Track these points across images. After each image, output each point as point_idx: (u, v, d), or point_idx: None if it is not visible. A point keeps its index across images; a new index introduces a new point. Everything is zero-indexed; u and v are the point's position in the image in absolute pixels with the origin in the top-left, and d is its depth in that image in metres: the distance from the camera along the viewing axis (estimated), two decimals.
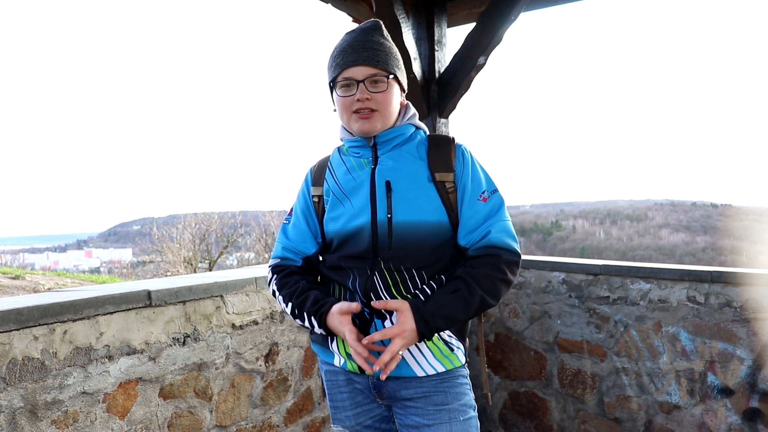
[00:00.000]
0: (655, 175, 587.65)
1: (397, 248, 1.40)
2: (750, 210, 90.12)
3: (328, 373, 1.56)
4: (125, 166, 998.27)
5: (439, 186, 1.44)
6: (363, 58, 1.40)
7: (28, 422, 1.60)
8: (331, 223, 1.49)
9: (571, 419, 2.99)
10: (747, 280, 2.45)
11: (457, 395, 1.44)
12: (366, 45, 1.42)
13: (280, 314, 2.45)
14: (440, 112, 3.12)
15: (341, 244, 1.47)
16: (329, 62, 1.47)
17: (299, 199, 1.60)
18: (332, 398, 1.56)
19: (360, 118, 1.42)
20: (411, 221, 1.40)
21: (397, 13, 2.76)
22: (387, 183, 1.42)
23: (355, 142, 1.50)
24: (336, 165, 1.54)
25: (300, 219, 1.56)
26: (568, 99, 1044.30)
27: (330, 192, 1.51)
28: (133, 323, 1.88)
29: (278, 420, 2.45)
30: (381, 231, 1.40)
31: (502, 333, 3.25)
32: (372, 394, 1.49)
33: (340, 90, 1.43)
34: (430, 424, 1.41)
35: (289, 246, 1.55)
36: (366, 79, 1.40)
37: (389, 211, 1.40)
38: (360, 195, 1.45)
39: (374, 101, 1.41)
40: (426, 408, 1.42)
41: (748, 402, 2.45)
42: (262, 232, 24.11)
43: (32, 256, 78.94)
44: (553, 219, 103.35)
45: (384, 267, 1.40)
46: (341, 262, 1.46)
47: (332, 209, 1.49)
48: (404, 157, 1.47)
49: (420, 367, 1.41)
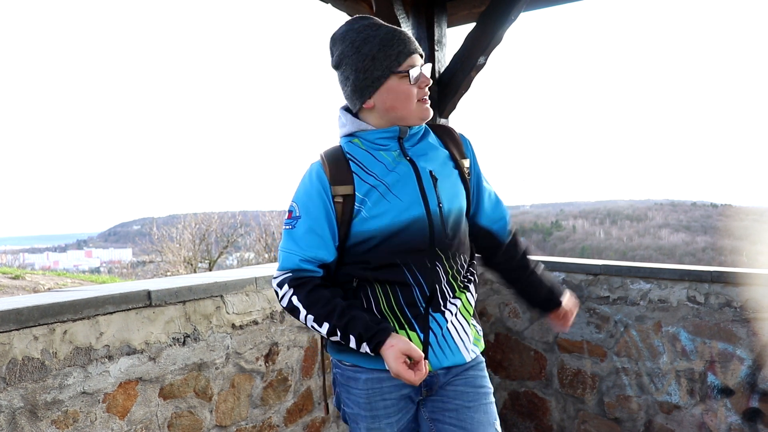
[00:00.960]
0: (655, 175, 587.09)
1: (452, 236, 1.44)
2: (750, 210, 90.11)
3: (370, 381, 1.45)
4: (125, 166, 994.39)
5: (462, 172, 1.52)
6: (418, 46, 1.45)
7: (28, 422, 1.60)
8: (372, 221, 1.39)
9: (571, 419, 2.99)
10: (747, 280, 2.45)
11: (486, 378, 1.53)
12: (410, 37, 1.45)
13: (280, 314, 2.45)
14: (440, 112, 3.12)
15: (387, 240, 1.39)
16: (382, 52, 1.39)
17: (314, 202, 1.42)
18: (372, 407, 1.46)
19: (424, 104, 1.45)
20: (455, 209, 1.47)
21: (397, 13, 2.76)
22: (431, 173, 1.44)
23: (386, 133, 1.44)
24: (365, 160, 1.44)
25: (318, 223, 1.41)
26: (568, 99, 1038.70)
27: (371, 190, 1.41)
28: (133, 323, 1.88)
29: (278, 420, 2.45)
30: (436, 221, 1.41)
31: (502, 333, 3.25)
32: (420, 392, 1.48)
33: (412, 79, 1.41)
34: (470, 406, 1.46)
35: (306, 255, 1.40)
36: (422, 67, 1.44)
37: (439, 201, 1.43)
38: (407, 188, 1.42)
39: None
40: (466, 391, 1.47)
41: (748, 402, 2.45)
42: (262, 232, 24.11)
43: (32, 256, 78.95)
44: (553, 219, 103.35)
45: (443, 257, 1.43)
46: (395, 258, 1.39)
47: (375, 206, 1.40)
48: (432, 148, 1.50)
49: (468, 353, 1.47)
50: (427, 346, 1.42)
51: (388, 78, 1.39)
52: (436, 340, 1.43)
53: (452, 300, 1.45)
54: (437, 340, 1.43)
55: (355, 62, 1.40)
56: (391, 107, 1.42)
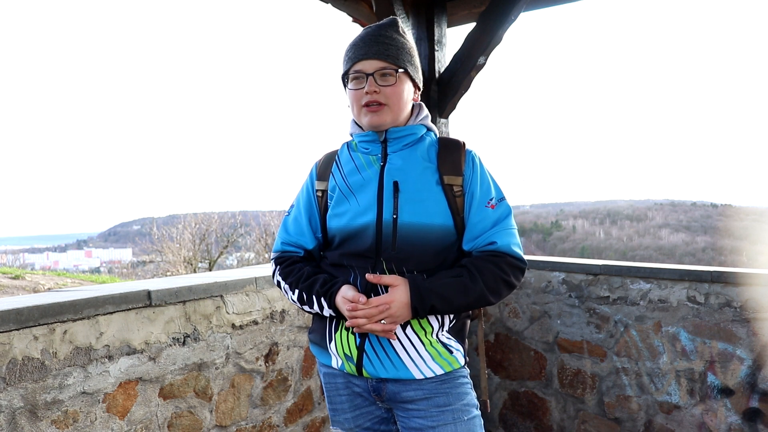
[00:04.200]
0: (655, 175, 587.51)
1: (401, 249, 1.39)
2: (750, 210, 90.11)
3: (327, 376, 1.54)
4: (125, 166, 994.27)
5: (447, 189, 1.43)
6: (373, 52, 1.42)
7: (28, 422, 1.60)
8: (334, 220, 1.47)
9: (571, 419, 2.99)
10: (747, 280, 2.45)
11: (459, 395, 1.43)
12: (377, 39, 1.43)
13: (280, 314, 2.45)
14: (440, 112, 3.12)
15: (344, 241, 1.45)
16: (343, 56, 1.49)
17: (302, 193, 1.59)
18: (331, 400, 1.55)
19: (369, 111, 1.43)
20: (416, 223, 1.39)
21: (397, 13, 2.76)
22: (395, 183, 1.41)
23: (366, 137, 1.49)
24: (344, 160, 1.53)
25: (301, 213, 1.56)
26: (568, 99, 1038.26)
27: (336, 187, 1.49)
28: (133, 323, 1.88)
29: (278, 420, 2.45)
30: (385, 231, 1.39)
31: (502, 333, 3.25)
32: (371, 396, 1.48)
33: (351, 83, 1.44)
34: (434, 426, 1.40)
35: (289, 240, 1.56)
36: (375, 72, 1.41)
37: (395, 212, 1.39)
38: (367, 193, 1.44)
39: (383, 95, 1.42)
40: (429, 410, 1.41)
41: (748, 402, 2.45)
42: (262, 232, 24.12)
43: (32, 256, 78.96)
44: (553, 219, 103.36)
45: (386, 267, 1.39)
46: (343, 260, 1.46)
47: (337, 205, 1.48)
48: (414, 158, 1.46)
49: (418, 370, 1.39)
50: (361, 352, 1.40)
51: (345, 82, 1.49)
52: (373, 348, 1.40)
53: None
54: (374, 349, 1.40)
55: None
56: (351, 110, 1.50)
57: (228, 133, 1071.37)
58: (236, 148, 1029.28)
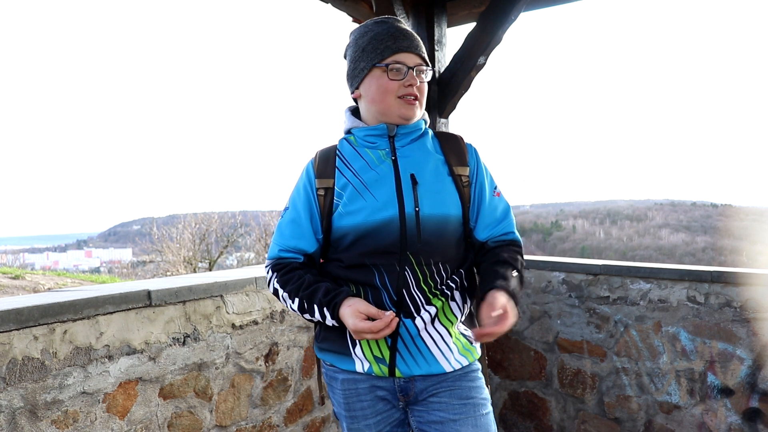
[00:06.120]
0: (655, 175, 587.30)
1: (426, 242, 1.39)
2: (750, 210, 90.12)
3: (346, 382, 1.46)
4: (125, 166, 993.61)
5: (457, 180, 1.47)
6: (414, 46, 1.43)
7: (28, 422, 1.60)
8: (347, 218, 1.41)
9: (571, 419, 2.99)
10: (747, 280, 2.45)
11: (478, 389, 1.46)
12: (410, 35, 1.45)
13: (280, 314, 2.45)
14: (440, 113, 3.12)
15: (360, 239, 1.40)
16: (371, 45, 1.43)
17: (299, 194, 1.50)
18: (350, 407, 1.48)
19: (407, 103, 1.43)
20: (437, 215, 1.41)
21: (397, 13, 2.76)
22: (412, 176, 1.42)
23: (374, 131, 1.46)
24: (349, 156, 1.48)
25: (300, 214, 1.47)
26: (568, 99, 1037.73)
27: (347, 185, 1.44)
28: (133, 323, 1.88)
29: (278, 420, 2.45)
30: (409, 224, 1.38)
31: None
32: (396, 397, 1.45)
33: (390, 73, 1.41)
34: (456, 419, 1.40)
35: (286, 245, 1.47)
36: (415, 67, 1.42)
37: (416, 205, 1.40)
38: (384, 188, 1.41)
39: (419, 89, 1.44)
40: (451, 402, 1.42)
41: (748, 402, 2.45)
42: (262, 232, 24.12)
43: (32, 256, 78.97)
44: (552, 219, 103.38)
45: (414, 261, 1.38)
46: (364, 259, 1.40)
47: (350, 203, 1.42)
48: (424, 151, 1.48)
49: (448, 363, 1.41)
50: (394, 352, 1.39)
51: (370, 70, 1.44)
52: (405, 346, 1.39)
53: (426, 307, 1.39)
54: (407, 347, 1.39)
55: (351, 53, 1.48)
56: (372, 100, 1.45)
57: (228, 133, 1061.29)
58: (236, 148, 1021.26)
